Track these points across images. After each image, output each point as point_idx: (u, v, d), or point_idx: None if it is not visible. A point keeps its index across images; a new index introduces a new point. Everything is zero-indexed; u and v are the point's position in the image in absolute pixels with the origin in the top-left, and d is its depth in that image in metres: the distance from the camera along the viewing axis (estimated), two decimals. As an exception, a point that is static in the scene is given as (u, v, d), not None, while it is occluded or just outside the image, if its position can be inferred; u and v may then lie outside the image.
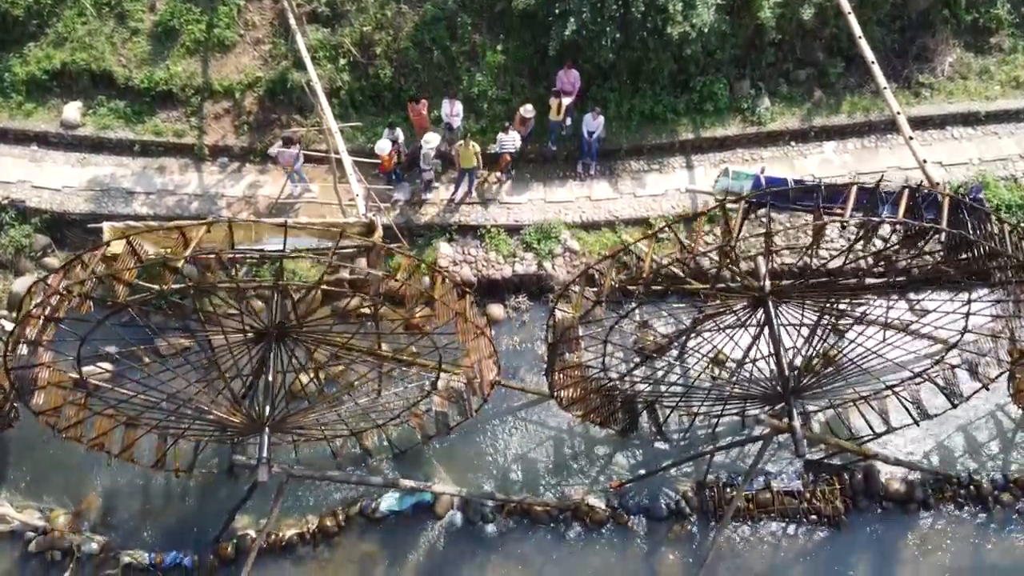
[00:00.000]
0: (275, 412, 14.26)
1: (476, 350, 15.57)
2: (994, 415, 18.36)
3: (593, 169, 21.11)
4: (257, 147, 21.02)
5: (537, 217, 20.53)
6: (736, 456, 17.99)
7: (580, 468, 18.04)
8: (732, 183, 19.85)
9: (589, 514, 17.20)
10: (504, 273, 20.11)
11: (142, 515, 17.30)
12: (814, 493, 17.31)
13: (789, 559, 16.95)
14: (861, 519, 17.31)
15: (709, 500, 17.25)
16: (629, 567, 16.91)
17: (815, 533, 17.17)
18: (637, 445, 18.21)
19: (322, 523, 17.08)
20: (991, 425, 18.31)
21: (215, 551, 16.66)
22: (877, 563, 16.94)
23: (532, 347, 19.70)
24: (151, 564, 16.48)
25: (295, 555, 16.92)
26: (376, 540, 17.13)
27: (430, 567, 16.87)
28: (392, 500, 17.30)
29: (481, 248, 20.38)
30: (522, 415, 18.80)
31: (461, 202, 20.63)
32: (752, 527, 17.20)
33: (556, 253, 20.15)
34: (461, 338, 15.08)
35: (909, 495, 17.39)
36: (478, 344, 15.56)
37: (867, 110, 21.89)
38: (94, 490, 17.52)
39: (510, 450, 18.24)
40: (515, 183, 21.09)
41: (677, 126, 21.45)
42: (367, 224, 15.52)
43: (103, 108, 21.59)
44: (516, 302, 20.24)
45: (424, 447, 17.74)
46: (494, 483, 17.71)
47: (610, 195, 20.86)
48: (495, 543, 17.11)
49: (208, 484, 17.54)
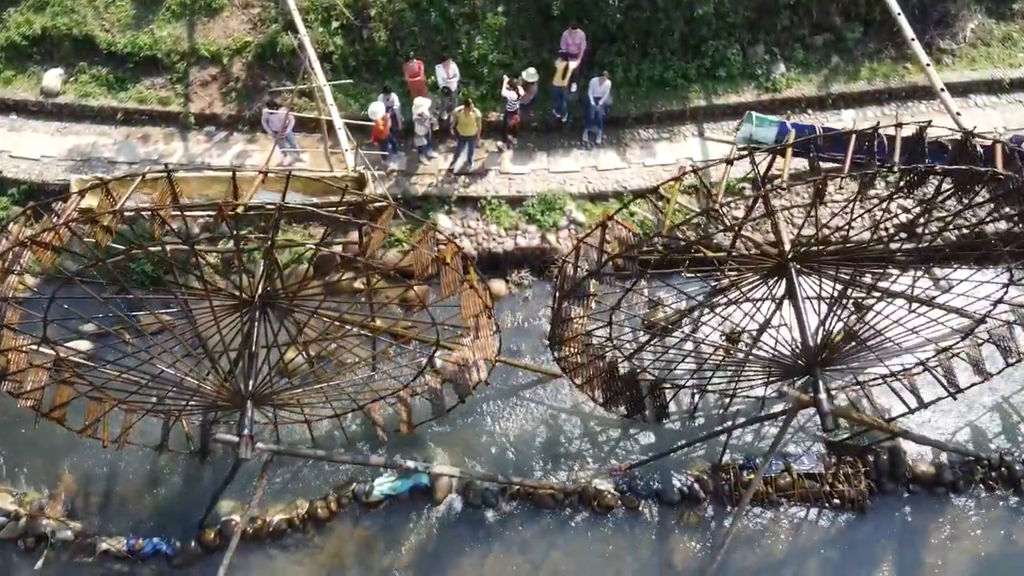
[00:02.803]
0: (260, 386, 13.19)
1: (479, 326, 14.56)
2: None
3: (600, 138, 20.07)
4: (246, 115, 20.02)
5: (540, 188, 19.49)
6: (753, 437, 16.95)
7: (587, 450, 16.99)
8: (756, 130, 18.24)
9: (597, 498, 16.14)
10: (506, 247, 19.08)
11: (121, 500, 16.26)
12: (837, 476, 16.24)
13: (810, 545, 15.90)
14: (886, 503, 16.24)
15: (724, 484, 16.18)
16: (639, 554, 15.85)
17: (838, 518, 16.11)
18: (647, 426, 17.15)
19: (312, 508, 16.02)
20: (1023, 405, 17.26)
21: (198, 537, 15.61)
22: (903, 549, 15.88)
23: (536, 324, 18.66)
24: (129, 551, 15.43)
25: (283, 542, 15.86)
26: (370, 526, 16.06)
27: (428, 554, 15.82)
28: (387, 484, 16.24)
29: (481, 220, 19.36)
30: (525, 395, 17.75)
31: (460, 172, 19.58)
32: (771, 512, 16.15)
33: (561, 225, 19.11)
34: (464, 313, 14.07)
35: (937, 478, 16.32)
36: (480, 319, 14.55)
37: (887, 77, 20.89)
38: (71, 473, 16.47)
39: (512, 432, 17.19)
40: (517, 152, 20.05)
41: (688, 93, 20.45)
42: (357, 179, 14.45)
43: (85, 75, 20.67)
44: (518, 277, 19.21)
45: (423, 427, 16.66)
46: (496, 466, 16.65)
47: (618, 164, 19.81)
48: (497, 529, 16.05)
49: (191, 467, 16.50)
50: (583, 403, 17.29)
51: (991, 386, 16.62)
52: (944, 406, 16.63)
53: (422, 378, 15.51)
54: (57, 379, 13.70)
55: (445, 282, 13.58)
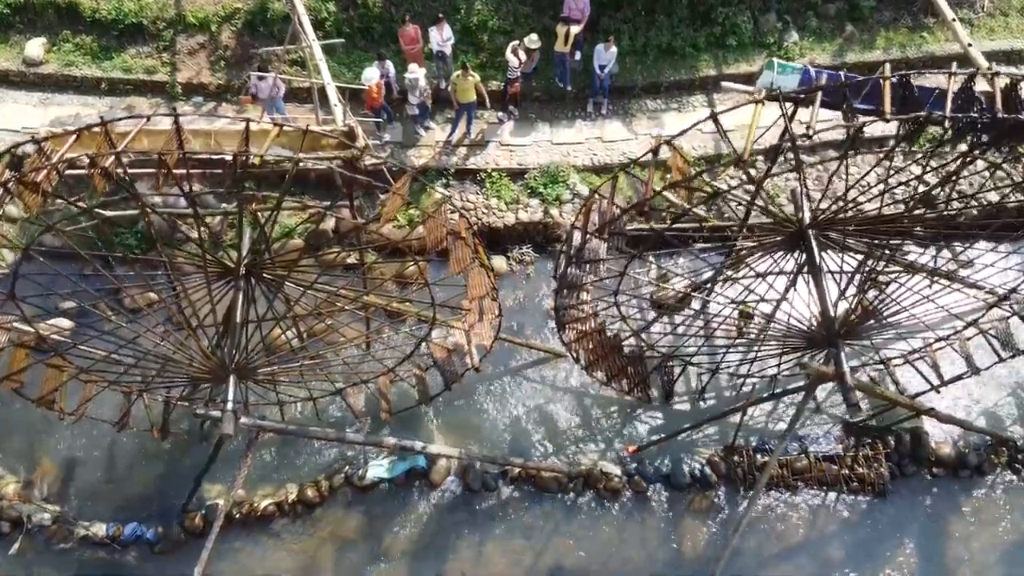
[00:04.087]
0: (244, 358, 12.33)
1: (482, 308, 13.77)
2: (1053, 373, 16.47)
3: (605, 108, 19.22)
4: (235, 85, 19.15)
5: (543, 160, 18.65)
6: (767, 418, 16.11)
7: (592, 432, 16.15)
8: (778, 78, 17.04)
9: (603, 482, 15.30)
10: (507, 221, 18.24)
11: (102, 483, 15.40)
12: (856, 458, 15.42)
13: (828, 530, 15.07)
14: (908, 487, 15.41)
15: (737, 467, 15.35)
16: (647, 541, 15.01)
17: (857, 502, 15.27)
18: (656, 407, 16.31)
19: (302, 492, 15.18)
20: (1051, 384, 16.46)
21: (181, 522, 14.78)
22: (925, 534, 15.06)
23: (538, 302, 17.83)
24: (109, 536, 14.59)
25: (272, 528, 15.01)
26: (363, 511, 15.21)
27: (424, 540, 14.98)
28: (381, 467, 15.40)
29: (481, 194, 18.52)
30: (527, 375, 16.90)
31: (459, 143, 18.73)
32: (787, 496, 15.31)
33: (564, 199, 18.25)
34: (472, 293, 13.29)
35: (961, 460, 15.52)
36: (485, 301, 13.77)
37: (903, 46, 20.05)
38: (49, 456, 15.63)
39: (514, 413, 16.36)
40: (519, 123, 19.20)
41: (697, 62, 19.60)
42: (346, 132, 13.60)
43: (68, 44, 19.80)
44: (520, 254, 18.37)
45: (420, 409, 15.84)
46: (496, 449, 15.81)
47: (624, 136, 18.95)
48: (497, 514, 15.22)
49: (175, 449, 15.65)
50: (588, 383, 16.45)
51: (1012, 365, 15.78)
52: (965, 386, 15.81)
53: (409, 362, 14.72)
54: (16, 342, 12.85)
55: (456, 257, 12.84)
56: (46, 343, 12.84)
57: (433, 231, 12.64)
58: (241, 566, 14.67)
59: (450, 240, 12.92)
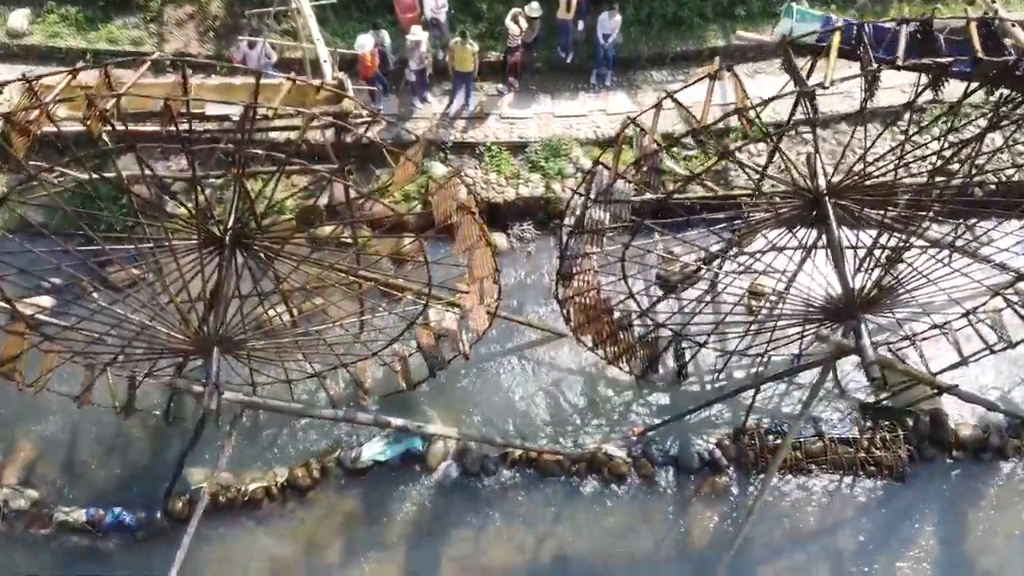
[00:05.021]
0: (229, 329, 11.61)
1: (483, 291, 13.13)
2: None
3: (609, 79, 18.52)
4: (224, 56, 18.43)
5: (544, 133, 17.95)
6: (779, 398, 15.40)
7: (596, 414, 15.43)
8: (797, 24, 16.20)
9: (607, 465, 14.59)
10: (507, 196, 17.54)
11: (83, 467, 14.69)
12: (873, 441, 14.70)
13: (844, 516, 14.34)
14: (927, 470, 14.69)
15: (749, 449, 14.63)
16: (654, 526, 14.29)
17: (875, 486, 14.55)
18: (663, 387, 15.61)
19: (292, 476, 14.46)
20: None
21: (164, 507, 14.06)
22: (945, 520, 14.34)
23: (539, 281, 17.12)
24: (89, 522, 13.87)
25: (260, 513, 14.28)
26: (356, 496, 14.50)
27: (420, 526, 14.26)
28: (376, 449, 14.69)
29: (480, 169, 17.81)
30: (528, 355, 16.21)
31: (457, 116, 18.01)
32: (801, 480, 14.59)
33: (567, 174, 17.54)
34: (475, 274, 12.64)
35: (983, 442, 14.78)
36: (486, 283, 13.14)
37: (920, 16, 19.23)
38: (27, 438, 14.93)
39: (514, 394, 15.64)
40: (519, 95, 18.49)
41: (704, 32, 18.89)
42: (336, 86, 12.91)
43: (53, 15, 19.21)
44: (520, 230, 17.68)
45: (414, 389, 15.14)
46: (496, 432, 15.10)
47: (629, 108, 18.19)
48: (497, 499, 14.49)
49: (160, 432, 14.95)
50: (592, 363, 15.75)
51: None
52: (983, 366, 15.02)
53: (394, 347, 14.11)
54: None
55: (463, 234, 12.23)
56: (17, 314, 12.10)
57: (442, 204, 12.06)
58: (227, 553, 13.96)
59: (460, 215, 12.34)
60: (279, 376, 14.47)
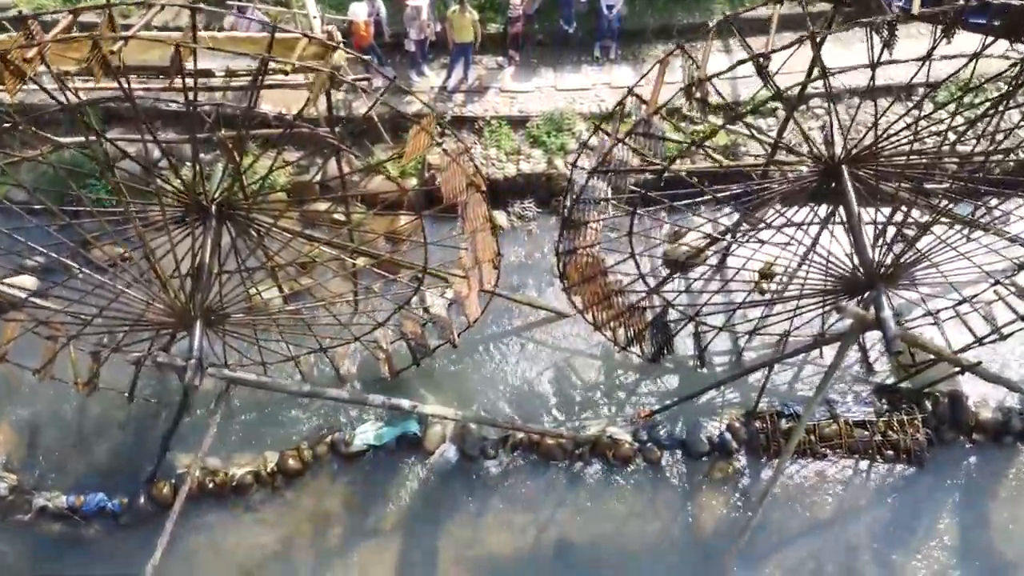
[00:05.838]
0: (212, 302, 10.96)
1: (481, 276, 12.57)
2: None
3: (613, 52, 17.91)
4: (214, 27, 17.72)
5: (546, 107, 17.32)
6: (793, 379, 14.78)
7: (601, 396, 14.81)
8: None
9: (612, 449, 13.96)
10: (507, 173, 16.94)
11: (64, 451, 14.06)
12: (889, 424, 14.08)
13: (859, 502, 13.72)
14: (946, 454, 14.05)
15: (761, 433, 14.02)
16: (661, 513, 13.66)
17: (891, 471, 13.93)
18: (671, 369, 14.99)
19: (283, 461, 13.84)
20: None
21: (148, 492, 13.44)
22: (965, 506, 13.70)
23: (541, 259, 16.50)
24: (70, 507, 13.26)
25: (249, 499, 13.64)
26: (350, 481, 13.87)
27: (417, 513, 13.64)
28: (370, 432, 14.07)
29: (479, 144, 17.18)
30: (530, 336, 15.58)
31: (455, 89, 17.36)
32: (815, 465, 13.98)
33: (569, 149, 16.91)
34: (480, 256, 12.08)
35: (1004, 426, 14.14)
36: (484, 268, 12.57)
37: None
38: (6, 420, 14.31)
39: (515, 376, 15.02)
40: (520, 68, 17.86)
41: (712, 4, 18.27)
42: (326, 37, 12.32)
43: (37, -14, 18.44)
44: (521, 208, 17.08)
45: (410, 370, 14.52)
46: (496, 415, 14.48)
47: (634, 81, 17.50)
48: (497, 484, 13.86)
49: (145, 414, 14.33)
50: (595, 344, 15.14)
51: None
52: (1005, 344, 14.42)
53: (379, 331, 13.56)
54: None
55: (471, 215, 11.70)
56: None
57: (451, 180, 11.51)
58: (214, 540, 13.33)
59: (469, 193, 11.77)
60: (269, 358, 13.85)
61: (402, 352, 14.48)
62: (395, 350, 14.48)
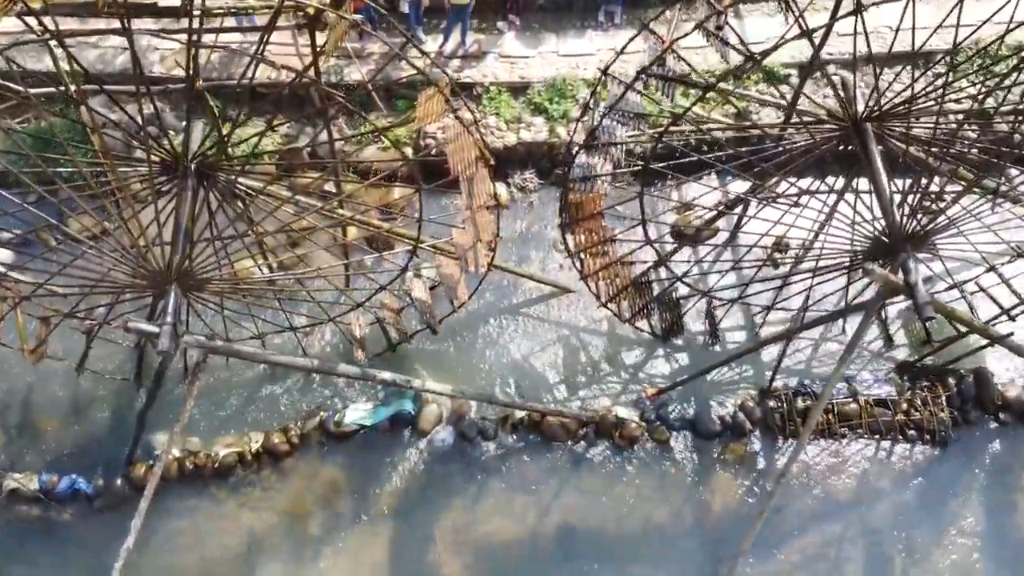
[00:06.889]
0: (188, 265, 10.12)
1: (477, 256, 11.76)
2: None
3: (618, 17, 17.11)
4: None
5: (548, 73, 16.51)
6: (809, 356, 14.01)
7: (606, 374, 14.04)
8: None
9: (618, 428, 13.21)
10: (507, 142, 16.10)
11: (37, 430, 13.29)
12: (912, 403, 13.33)
13: (880, 484, 12.98)
14: (971, 434, 13.36)
15: (776, 412, 13.25)
16: (670, 496, 12.91)
17: (913, 452, 13.20)
18: (680, 346, 14.20)
19: (269, 441, 13.06)
20: None
21: (126, 474, 12.65)
22: (991, 487, 13.02)
23: (543, 232, 15.71)
24: (42, 490, 12.48)
25: (232, 481, 12.87)
26: (341, 462, 13.11)
27: (411, 497, 12.87)
28: (362, 412, 13.28)
29: (478, 112, 16.32)
30: (531, 312, 14.79)
31: (452, 55, 16.55)
32: (834, 445, 13.21)
33: (573, 116, 16.07)
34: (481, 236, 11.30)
35: (1031, 405, 13.43)
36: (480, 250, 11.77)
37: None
38: (-25, 399, 13.54)
39: (516, 353, 14.23)
40: (521, 33, 17.05)
41: (722, -35, 17.35)
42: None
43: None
44: (522, 179, 16.26)
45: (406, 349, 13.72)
46: (495, 393, 13.70)
47: (640, 46, 16.60)
48: (496, 465, 13.10)
49: (122, 392, 13.53)
50: (599, 319, 14.37)
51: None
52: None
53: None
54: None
55: (477, 190, 10.98)
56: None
57: (459, 152, 10.83)
58: (196, 525, 12.56)
59: (478, 166, 10.99)
60: (255, 329, 13.04)
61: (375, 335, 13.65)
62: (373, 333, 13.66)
